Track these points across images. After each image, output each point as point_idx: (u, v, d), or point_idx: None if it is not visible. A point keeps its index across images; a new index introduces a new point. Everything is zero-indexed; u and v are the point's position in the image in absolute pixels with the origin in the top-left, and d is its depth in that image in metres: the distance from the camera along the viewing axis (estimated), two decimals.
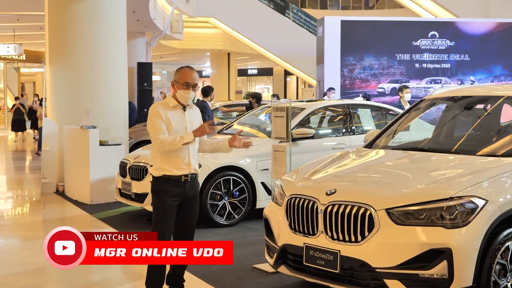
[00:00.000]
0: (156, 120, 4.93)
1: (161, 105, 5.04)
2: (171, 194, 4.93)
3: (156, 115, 4.94)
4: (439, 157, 5.27)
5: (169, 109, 4.99)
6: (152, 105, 5.14)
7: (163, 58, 32.96)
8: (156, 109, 4.98)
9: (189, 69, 5.04)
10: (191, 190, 5.04)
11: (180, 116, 5.00)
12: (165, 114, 4.94)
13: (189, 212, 5.08)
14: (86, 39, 11.00)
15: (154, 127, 4.93)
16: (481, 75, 19.91)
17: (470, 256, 4.24)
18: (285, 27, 25.79)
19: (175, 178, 4.95)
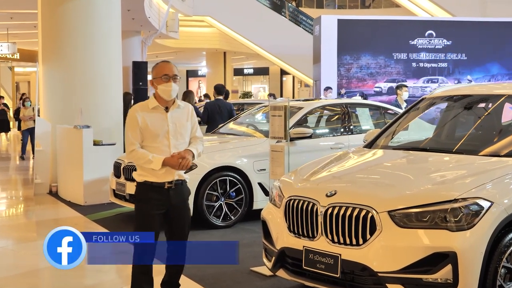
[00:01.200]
0: (130, 127, 4.62)
1: (139, 107, 4.69)
2: (154, 203, 4.59)
3: (131, 121, 4.62)
4: (441, 158, 5.13)
5: (148, 111, 4.62)
6: (132, 107, 4.80)
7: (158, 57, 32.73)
8: (133, 114, 4.64)
9: (165, 62, 4.71)
10: (176, 197, 4.67)
11: (161, 119, 4.62)
12: (142, 117, 4.58)
13: (178, 221, 4.72)
14: (80, 38, 10.83)
15: (126, 134, 4.65)
16: (478, 74, 19.83)
17: (476, 260, 4.10)
18: (281, 26, 25.65)
19: (158, 185, 4.60)
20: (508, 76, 19.92)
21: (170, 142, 4.61)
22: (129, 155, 4.64)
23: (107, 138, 10.38)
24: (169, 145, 4.61)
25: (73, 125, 10.13)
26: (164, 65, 4.66)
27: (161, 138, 4.59)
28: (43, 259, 6.79)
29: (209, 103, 11.38)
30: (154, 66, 4.75)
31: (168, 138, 4.61)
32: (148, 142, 4.60)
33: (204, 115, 11.19)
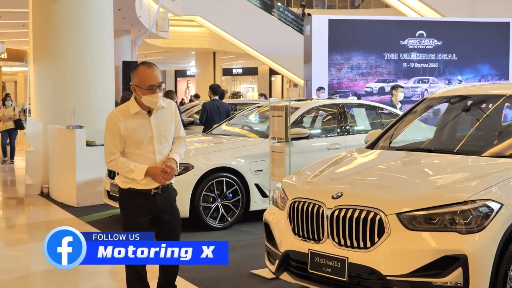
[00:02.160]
0: (110, 135, 4.34)
1: (120, 112, 4.34)
2: (141, 209, 4.38)
3: (112, 128, 4.32)
4: (446, 159, 5.05)
5: (130, 116, 4.31)
6: (111, 112, 4.46)
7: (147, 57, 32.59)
8: (113, 120, 4.31)
9: (148, 68, 4.30)
10: (163, 202, 4.46)
11: (145, 124, 4.34)
12: (124, 125, 4.29)
13: (168, 224, 4.51)
14: (72, 37, 10.71)
15: (105, 142, 4.38)
16: (469, 74, 19.84)
17: (486, 263, 4.02)
18: (271, 26, 25.56)
19: (144, 191, 4.38)
20: (498, 76, 19.95)
21: (155, 148, 4.40)
22: (109, 165, 4.40)
23: (99, 139, 10.20)
24: (154, 151, 4.39)
25: (65, 126, 9.99)
26: (148, 74, 4.28)
27: (145, 144, 4.35)
28: (36, 262, 6.75)
29: (207, 103, 11.28)
30: (134, 69, 4.36)
31: (152, 144, 4.38)
32: (131, 149, 4.36)
33: (203, 115, 11.10)
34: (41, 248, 7.43)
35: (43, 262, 6.69)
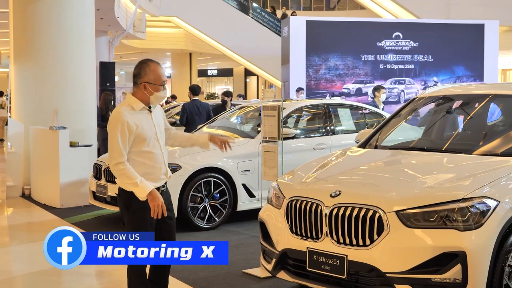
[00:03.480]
0: (120, 135, 4.19)
1: (125, 112, 4.23)
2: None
3: (121, 127, 4.19)
4: (441, 157, 5.12)
5: (135, 115, 4.27)
6: (115, 110, 4.33)
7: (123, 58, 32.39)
8: (123, 119, 4.19)
9: (159, 65, 4.35)
10: (166, 199, 4.42)
11: (148, 120, 4.33)
12: (136, 124, 4.23)
13: (166, 224, 4.47)
14: (53, 37, 10.60)
15: (114, 142, 4.21)
16: (444, 75, 20.08)
17: (484, 259, 4.09)
18: (248, 27, 25.59)
19: None
20: (472, 77, 20.22)
21: (160, 144, 4.39)
22: (115, 168, 4.22)
23: (81, 139, 10.16)
24: (160, 147, 4.39)
25: (47, 126, 9.89)
26: (160, 70, 4.34)
27: (153, 141, 4.33)
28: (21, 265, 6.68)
29: (187, 104, 11.22)
30: (145, 66, 4.32)
31: (158, 140, 4.37)
32: (140, 147, 4.28)
33: (183, 116, 11.03)
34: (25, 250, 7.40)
35: (27, 264, 6.69)
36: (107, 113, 12.06)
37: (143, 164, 4.30)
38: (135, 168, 4.27)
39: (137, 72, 4.34)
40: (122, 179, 4.24)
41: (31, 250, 7.44)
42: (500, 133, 5.63)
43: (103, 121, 11.97)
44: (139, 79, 4.32)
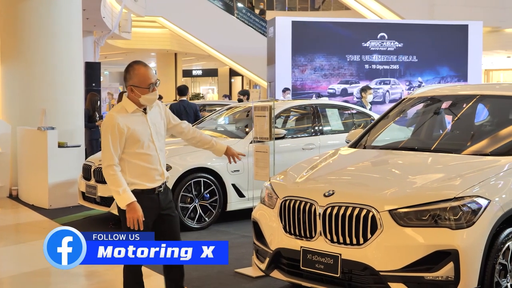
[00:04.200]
0: (112, 137, 4.21)
1: (118, 113, 4.27)
2: (146, 210, 4.27)
3: (114, 130, 4.22)
4: (432, 157, 5.19)
5: (128, 116, 4.28)
6: (108, 114, 4.38)
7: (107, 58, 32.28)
8: (114, 122, 4.21)
9: (145, 67, 4.31)
10: (165, 200, 4.45)
11: (142, 121, 4.32)
12: (127, 126, 4.24)
13: (169, 223, 4.49)
14: (41, 37, 10.59)
15: (106, 144, 4.23)
16: (429, 76, 20.20)
17: (476, 257, 4.17)
18: (234, 27, 25.62)
19: (148, 191, 4.34)
20: (457, 78, 20.37)
21: (156, 145, 4.38)
22: (105, 170, 4.25)
23: (69, 140, 10.15)
24: (156, 148, 4.38)
25: (35, 127, 9.87)
26: (146, 73, 4.28)
27: (147, 143, 4.32)
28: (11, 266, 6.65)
29: (174, 104, 11.24)
30: (130, 69, 4.31)
31: (153, 142, 4.36)
32: (134, 149, 4.28)
33: None
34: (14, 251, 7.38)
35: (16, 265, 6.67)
36: (94, 113, 12.02)
37: (138, 165, 4.31)
38: (130, 169, 4.29)
39: (124, 75, 4.37)
40: (108, 183, 4.27)
41: (21, 251, 7.44)
42: (488, 133, 5.72)
43: (89, 121, 11.93)
44: (126, 82, 4.34)
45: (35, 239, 7.88)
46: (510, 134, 5.44)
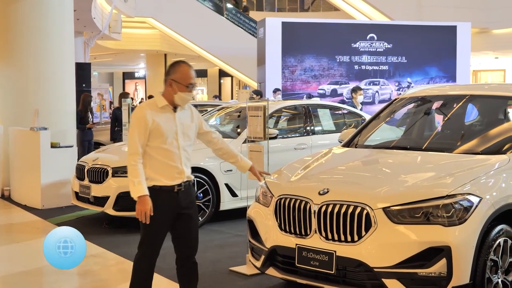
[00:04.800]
0: (137, 128, 4.35)
1: (148, 106, 4.45)
2: (164, 208, 4.37)
3: (141, 121, 4.36)
4: (424, 155, 5.28)
5: (157, 110, 4.41)
6: (139, 106, 4.60)
7: (97, 58, 32.19)
8: (143, 113, 4.37)
9: (189, 67, 4.46)
10: (186, 199, 4.49)
11: (170, 118, 4.44)
12: (153, 119, 4.37)
13: (190, 223, 4.57)
14: (33, 36, 10.61)
15: (132, 134, 4.38)
16: (418, 76, 20.33)
17: (468, 253, 4.26)
18: (224, 28, 25.66)
19: (167, 188, 4.40)
20: (445, 78, 20.51)
21: (179, 143, 4.47)
22: (128, 158, 4.38)
23: (61, 140, 10.17)
24: (179, 146, 4.46)
25: (28, 127, 9.88)
26: (189, 72, 4.45)
27: (171, 139, 4.42)
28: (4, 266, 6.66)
29: None
30: (175, 66, 4.50)
31: (177, 139, 4.44)
32: (157, 142, 4.40)
33: None
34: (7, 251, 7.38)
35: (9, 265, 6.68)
36: (86, 114, 12.01)
37: (158, 161, 4.41)
38: (151, 164, 4.40)
39: (167, 70, 4.52)
40: (128, 172, 4.39)
41: (14, 251, 7.45)
42: (478, 133, 5.83)
43: (81, 123, 11.92)
44: (167, 76, 4.48)
45: (29, 239, 7.91)
46: (500, 133, 5.56)
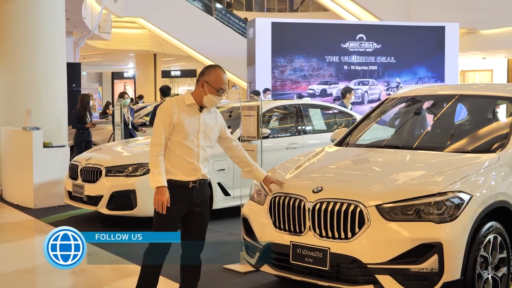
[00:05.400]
0: (163, 120, 4.52)
1: (176, 101, 4.60)
2: (177, 201, 4.50)
3: (167, 113, 4.52)
4: (416, 154, 5.39)
5: (183, 107, 4.57)
6: (167, 100, 4.81)
7: (86, 58, 32.14)
8: (170, 107, 4.53)
9: (223, 73, 4.64)
10: (200, 196, 4.63)
11: (195, 118, 4.57)
12: (177, 114, 4.51)
13: (199, 221, 4.69)
14: (25, 37, 10.62)
15: (157, 124, 4.54)
16: (406, 76, 20.47)
17: (459, 249, 4.36)
18: (213, 28, 25.71)
19: (182, 183, 4.54)
20: (434, 78, 20.67)
21: (199, 142, 4.59)
22: (151, 148, 4.53)
23: (53, 140, 10.20)
24: (198, 145, 4.59)
25: (20, 127, 9.91)
26: (223, 77, 4.62)
27: (192, 137, 4.55)
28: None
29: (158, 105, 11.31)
30: (210, 69, 4.67)
31: (198, 138, 4.58)
32: (179, 138, 4.54)
33: (153, 117, 11.13)
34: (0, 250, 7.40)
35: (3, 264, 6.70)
36: (84, 114, 11.97)
37: (177, 155, 4.55)
38: (169, 157, 4.55)
39: (202, 71, 4.67)
40: (149, 161, 4.52)
41: (7, 249, 7.47)
42: (468, 132, 5.94)
43: (79, 123, 11.89)
44: (201, 77, 4.65)
45: (22, 238, 7.96)
46: (489, 132, 5.67)
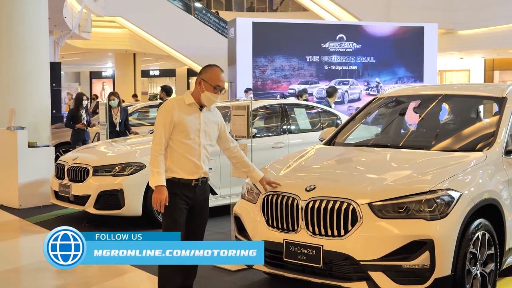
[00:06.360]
0: (163, 121, 4.62)
1: (176, 102, 4.70)
2: (183, 198, 4.66)
3: (167, 114, 4.62)
4: (405, 153, 5.48)
5: (184, 107, 4.67)
6: (168, 100, 4.87)
7: (65, 58, 31.90)
8: (170, 107, 4.64)
9: (220, 71, 4.76)
10: (201, 195, 4.79)
11: (195, 116, 4.68)
12: (178, 113, 4.62)
13: (199, 219, 4.87)
14: (8, 37, 10.54)
15: (158, 126, 4.65)
16: (386, 76, 20.65)
17: (450, 246, 4.46)
18: (193, 27, 25.71)
19: (185, 181, 4.68)
20: (413, 78, 20.88)
21: (201, 141, 4.70)
22: (151, 148, 4.63)
23: (37, 139, 10.16)
24: (200, 143, 4.70)
25: (5, 127, 9.85)
26: (219, 75, 4.72)
27: (193, 136, 4.66)
28: None
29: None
30: (208, 67, 4.77)
31: (199, 137, 4.69)
32: (180, 137, 4.64)
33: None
34: None
35: None
36: (78, 113, 11.84)
37: (179, 154, 4.66)
38: (172, 156, 4.67)
39: (200, 71, 4.78)
40: (150, 160, 4.65)
41: None
42: (455, 130, 6.06)
43: (73, 122, 11.78)
44: (199, 76, 4.76)
45: (8, 238, 7.92)
46: (476, 131, 5.79)
